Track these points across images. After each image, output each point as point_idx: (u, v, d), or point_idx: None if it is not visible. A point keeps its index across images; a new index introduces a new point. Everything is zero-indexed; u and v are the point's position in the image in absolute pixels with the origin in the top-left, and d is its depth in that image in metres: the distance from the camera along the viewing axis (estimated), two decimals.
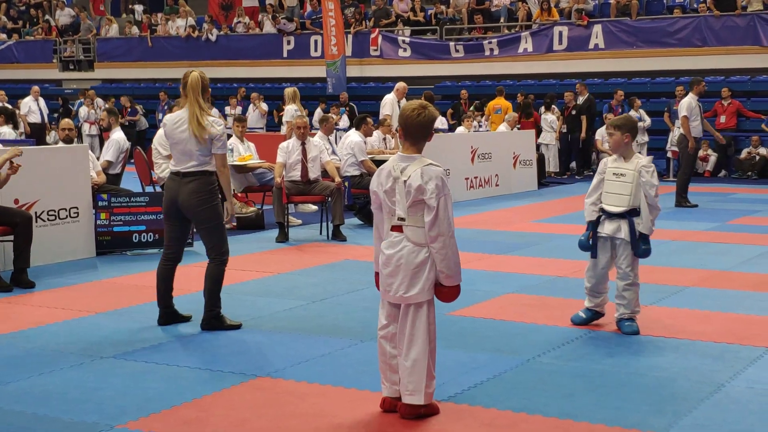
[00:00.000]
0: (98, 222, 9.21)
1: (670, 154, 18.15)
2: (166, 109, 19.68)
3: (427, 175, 4.27)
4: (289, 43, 24.12)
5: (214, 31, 24.87)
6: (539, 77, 21.59)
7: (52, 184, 8.76)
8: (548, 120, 18.73)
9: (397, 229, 4.37)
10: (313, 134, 11.31)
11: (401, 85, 15.29)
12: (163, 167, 10.55)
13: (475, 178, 14.72)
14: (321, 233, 10.56)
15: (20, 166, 7.70)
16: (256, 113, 21.02)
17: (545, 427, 4.35)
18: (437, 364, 4.50)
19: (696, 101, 13.17)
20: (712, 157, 18.79)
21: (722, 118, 18.55)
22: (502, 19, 22.52)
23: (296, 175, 10.28)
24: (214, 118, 6.11)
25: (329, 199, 10.23)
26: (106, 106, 18.73)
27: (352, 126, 12.80)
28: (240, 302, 6.95)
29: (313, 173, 10.34)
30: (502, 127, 16.82)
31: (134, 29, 26.54)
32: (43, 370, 5.27)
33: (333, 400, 4.73)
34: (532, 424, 4.39)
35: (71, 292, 7.50)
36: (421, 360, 4.36)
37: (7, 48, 27.79)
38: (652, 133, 18.65)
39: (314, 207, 12.24)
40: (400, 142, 4.56)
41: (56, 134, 17.17)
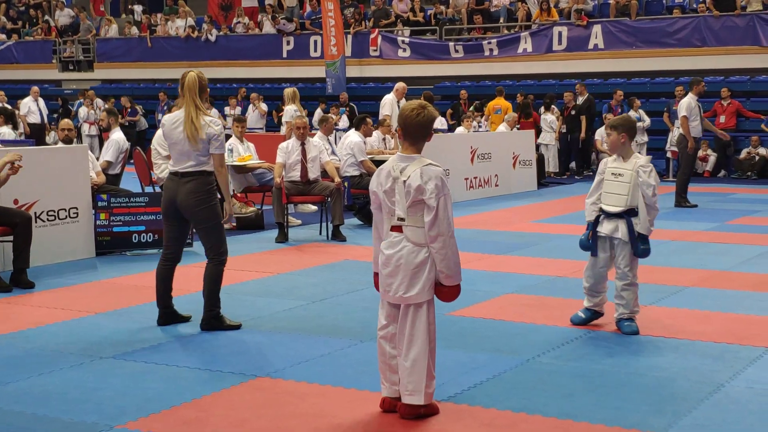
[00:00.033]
0: (98, 222, 9.22)
1: (669, 155, 18.15)
2: (166, 110, 19.68)
3: (427, 175, 4.27)
4: (289, 44, 24.12)
5: (214, 32, 24.87)
6: (539, 77, 21.60)
7: (52, 184, 8.76)
8: (548, 120, 18.73)
9: (397, 229, 4.37)
10: (312, 134, 11.31)
11: (401, 86, 15.29)
12: (162, 167, 10.55)
13: (475, 178, 14.72)
14: (321, 233, 10.56)
15: (21, 167, 7.70)
16: (256, 113, 21.02)
17: (545, 427, 4.35)
18: (437, 364, 4.50)
19: (695, 101, 13.17)
20: (712, 157, 18.80)
21: (722, 118, 18.56)
22: (502, 20, 22.52)
23: (296, 175, 10.28)
24: (212, 118, 6.11)
25: (329, 200, 10.23)
26: (106, 107, 18.74)
27: (352, 126, 12.79)
28: (240, 302, 6.95)
29: (313, 173, 10.34)
30: (502, 127, 16.82)
31: (134, 29, 26.54)
32: (43, 371, 5.27)
33: (333, 400, 4.73)
34: (532, 424, 4.39)
35: (71, 293, 7.50)
36: (421, 360, 4.35)
37: (7, 48, 27.79)
38: (652, 134, 18.65)
39: (314, 207, 12.24)
40: (399, 142, 4.56)
41: (56, 135, 17.15)
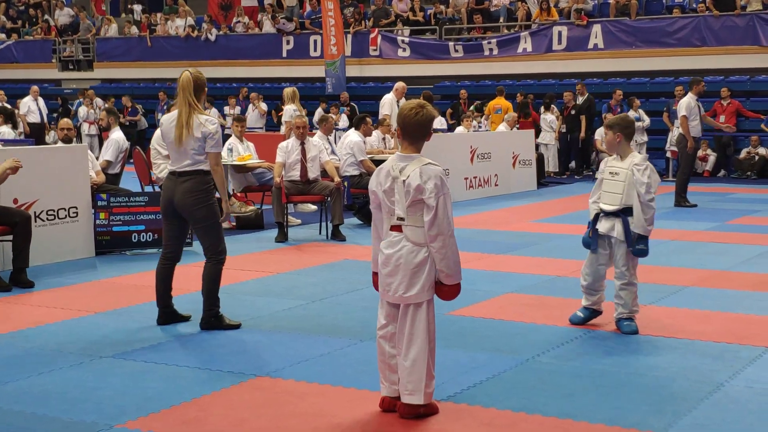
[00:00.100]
0: (97, 222, 9.21)
1: (669, 154, 18.15)
2: (165, 109, 19.67)
3: (426, 175, 4.27)
4: (289, 43, 24.11)
5: (214, 31, 24.86)
6: (538, 77, 21.59)
7: (52, 183, 8.76)
8: (547, 120, 18.73)
9: (397, 228, 4.36)
10: (312, 134, 11.31)
11: (400, 85, 15.29)
12: (162, 167, 10.54)
13: (475, 177, 14.71)
14: (320, 233, 10.56)
15: (20, 167, 7.71)
16: (256, 113, 21.01)
17: (544, 426, 4.35)
18: (436, 363, 4.50)
19: (695, 101, 13.17)
20: (712, 157, 18.80)
21: (722, 118, 18.53)
22: (502, 19, 22.52)
23: (295, 174, 10.27)
24: (208, 117, 6.09)
25: (328, 199, 10.23)
26: (106, 106, 18.74)
27: (352, 126, 12.79)
28: (239, 302, 6.95)
29: (313, 173, 10.34)
30: (502, 126, 16.82)
31: (133, 29, 26.53)
32: (43, 370, 5.27)
33: (332, 400, 4.73)
34: (532, 423, 4.38)
35: (70, 292, 7.50)
36: (421, 360, 4.35)
37: (7, 48, 27.78)
38: (652, 133, 18.65)
39: (313, 207, 12.24)
40: (398, 141, 4.55)
41: (55, 134, 17.15)
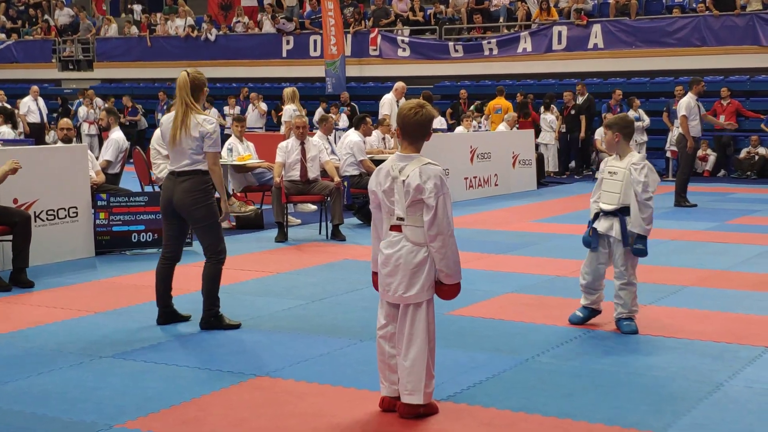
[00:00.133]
0: (97, 222, 9.22)
1: (669, 154, 18.15)
2: (165, 109, 19.67)
3: (426, 174, 4.27)
4: (289, 43, 24.11)
5: (213, 31, 24.87)
6: (538, 77, 21.59)
7: (51, 183, 8.76)
8: (547, 120, 18.73)
9: (396, 228, 4.36)
10: (312, 134, 11.31)
11: (400, 85, 15.29)
12: (161, 167, 10.54)
13: (474, 177, 14.71)
14: (320, 233, 10.56)
15: (20, 167, 7.72)
16: (255, 113, 21.01)
17: (544, 426, 4.35)
18: (436, 363, 4.50)
19: (695, 101, 13.16)
20: (712, 157, 18.80)
21: (721, 118, 18.50)
22: (502, 19, 22.52)
23: (295, 174, 10.27)
24: (205, 117, 6.07)
25: (328, 199, 10.23)
26: (106, 106, 18.75)
27: (352, 126, 12.79)
28: (239, 302, 6.95)
29: (313, 173, 10.34)
30: (502, 126, 16.82)
31: (133, 29, 26.54)
32: (42, 370, 5.27)
33: (332, 400, 4.73)
34: (531, 423, 4.39)
35: (70, 292, 7.50)
36: (420, 360, 4.35)
37: (6, 48, 27.78)
38: (651, 133, 18.65)
39: (313, 207, 12.24)
40: (398, 141, 4.55)
41: (55, 134, 17.15)
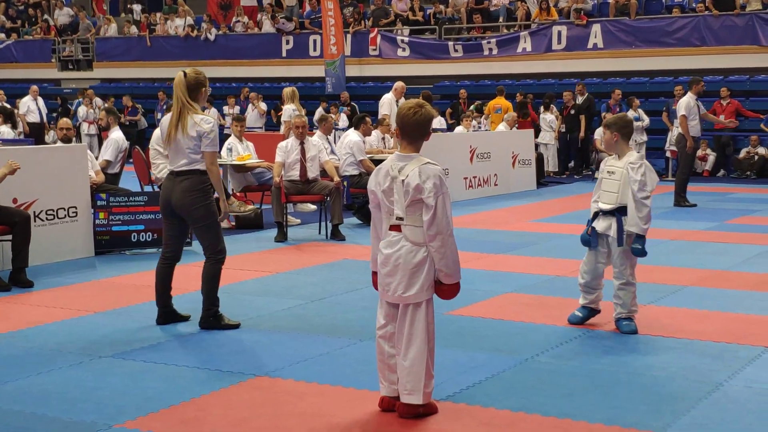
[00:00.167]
0: (97, 221, 9.22)
1: (669, 154, 18.15)
2: (165, 109, 19.67)
3: (425, 174, 4.27)
4: (288, 43, 24.11)
5: (213, 31, 24.86)
6: (538, 77, 21.60)
7: (51, 183, 8.76)
8: (547, 120, 18.73)
9: (396, 228, 4.36)
10: (312, 134, 11.31)
11: (399, 85, 15.29)
12: (161, 167, 10.53)
13: (474, 177, 14.71)
14: (320, 233, 10.56)
15: (18, 168, 7.72)
16: (255, 113, 21.01)
17: (543, 426, 4.35)
18: (436, 363, 4.50)
19: (694, 101, 13.15)
20: (711, 157, 18.80)
21: (721, 118, 18.53)
22: (501, 19, 22.53)
23: (295, 174, 10.27)
24: (203, 116, 6.06)
25: (328, 199, 10.23)
26: (105, 106, 18.74)
27: (351, 125, 12.79)
28: (239, 302, 6.95)
29: (312, 173, 10.34)
30: (501, 126, 16.82)
31: (133, 29, 26.54)
32: (42, 370, 5.27)
33: (331, 400, 4.73)
34: (531, 423, 4.39)
35: (70, 292, 7.50)
36: (420, 359, 4.35)
37: (6, 47, 27.78)
38: (651, 133, 18.65)
39: (313, 206, 12.24)
40: (397, 141, 4.55)
41: (55, 134, 17.14)
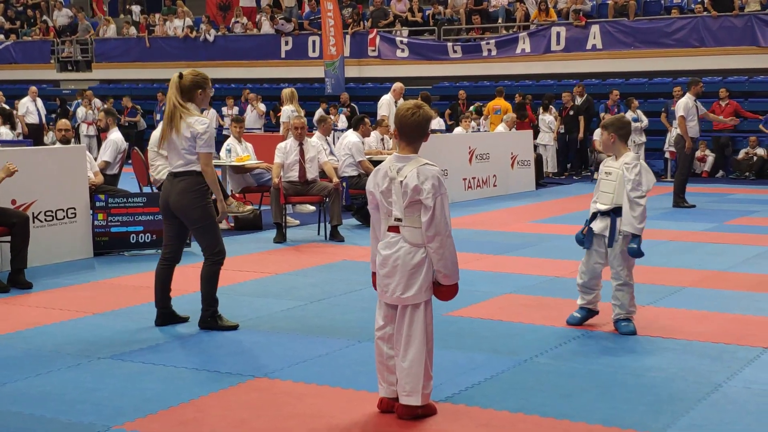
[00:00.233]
0: (96, 222, 9.21)
1: (667, 155, 18.16)
2: (163, 110, 19.66)
3: (424, 175, 4.27)
4: (287, 44, 24.11)
5: (212, 32, 24.86)
6: (537, 78, 21.61)
7: (50, 184, 8.75)
8: (546, 120, 18.73)
9: (394, 229, 4.36)
10: (311, 134, 11.31)
11: (398, 86, 15.29)
12: (159, 168, 10.54)
13: (473, 178, 14.72)
14: (319, 234, 10.55)
15: (16, 170, 7.72)
16: (254, 114, 21.01)
17: (542, 427, 4.34)
18: (434, 364, 4.49)
19: (693, 101, 13.15)
20: (710, 158, 18.81)
21: (720, 118, 18.57)
22: (500, 20, 22.53)
23: (294, 175, 10.27)
24: (198, 118, 6.05)
25: (327, 200, 10.23)
26: (104, 107, 18.73)
27: (350, 126, 12.79)
28: (238, 303, 6.95)
29: (311, 174, 10.34)
30: (501, 127, 16.83)
31: (132, 30, 26.53)
32: (41, 371, 5.26)
33: (330, 401, 4.73)
34: (530, 424, 4.38)
35: (68, 293, 7.50)
36: (419, 361, 4.35)
37: (5, 48, 27.77)
38: (650, 134, 18.66)
39: (312, 207, 12.24)
40: (396, 142, 4.55)
41: (54, 135, 17.14)
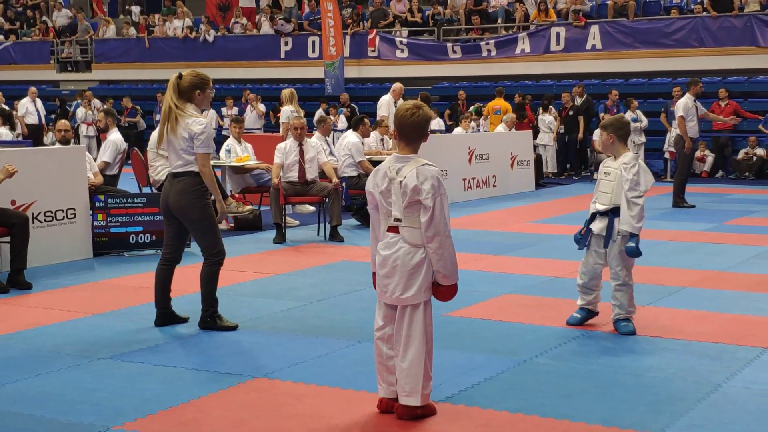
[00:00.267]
0: (95, 223, 9.21)
1: (667, 155, 18.16)
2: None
3: (423, 176, 4.27)
4: (287, 44, 24.11)
5: (212, 32, 24.86)
6: (537, 78, 21.61)
7: (49, 185, 8.75)
8: (546, 121, 18.73)
9: (394, 230, 4.36)
10: (310, 135, 11.31)
11: (397, 86, 15.29)
12: (158, 169, 10.54)
13: (473, 178, 14.72)
14: (318, 234, 10.55)
15: (16, 171, 7.72)
16: (254, 114, 21.01)
17: (542, 427, 4.34)
18: (434, 364, 4.50)
19: (692, 101, 13.15)
20: (710, 158, 18.81)
21: (720, 118, 18.57)
22: (500, 20, 22.53)
23: (294, 175, 10.27)
24: (195, 118, 6.03)
25: (326, 200, 10.23)
26: (104, 107, 18.72)
27: (350, 127, 12.80)
28: (237, 303, 6.95)
29: (311, 174, 10.34)
30: (500, 127, 16.83)
31: (131, 30, 26.54)
32: (40, 372, 5.26)
33: (330, 401, 4.73)
34: (529, 424, 4.38)
35: (68, 293, 7.50)
36: (418, 361, 4.35)
37: (5, 49, 27.77)
38: (650, 134, 18.65)
39: (312, 208, 12.24)
40: (395, 143, 4.56)
41: (53, 135, 17.15)
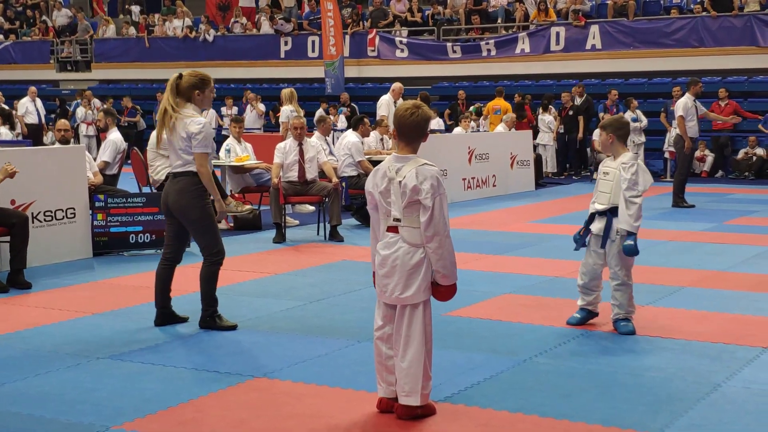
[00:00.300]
0: (95, 223, 9.21)
1: (667, 155, 18.17)
2: None
3: (422, 175, 4.27)
4: (287, 44, 24.11)
5: (211, 32, 24.86)
6: (536, 78, 21.61)
7: (49, 184, 8.75)
8: (545, 121, 18.73)
9: (393, 229, 4.36)
10: (310, 135, 11.31)
11: (397, 86, 15.29)
12: (158, 169, 10.54)
13: (473, 178, 14.72)
14: (318, 234, 10.55)
15: (17, 172, 7.72)
16: (254, 114, 21.01)
17: (541, 427, 4.34)
18: (433, 364, 4.50)
19: (692, 101, 13.15)
20: (709, 158, 18.81)
21: (720, 117, 18.57)
22: (500, 20, 22.54)
23: (293, 175, 10.27)
24: (193, 118, 6.03)
25: (326, 200, 10.23)
26: (104, 107, 18.73)
27: (350, 126, 12.80)
28: (237, 303, 6.95)
29: (311, 174, 10.34)
30: (500, 127, 16.83)
31: (131, 30, 26.54)
32: (40, 371, 5.26)
33: (330, 401, 4.73)
34: (529, 424, 4.38)
35: (68, 293, 7.50)
36: (418, 361, 4.35)
37: (4, 49, 27.77)
38: (649, 134, 18.66)
39: (311, 207, 12.24)
40: (395, 142, 4.56)
41: (53, 135, 17.15)
